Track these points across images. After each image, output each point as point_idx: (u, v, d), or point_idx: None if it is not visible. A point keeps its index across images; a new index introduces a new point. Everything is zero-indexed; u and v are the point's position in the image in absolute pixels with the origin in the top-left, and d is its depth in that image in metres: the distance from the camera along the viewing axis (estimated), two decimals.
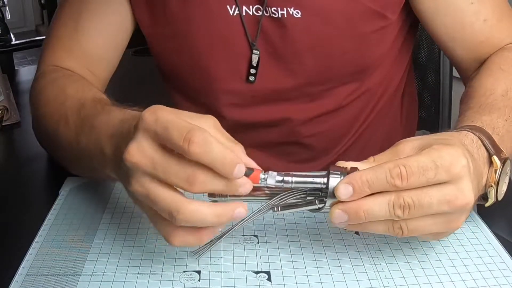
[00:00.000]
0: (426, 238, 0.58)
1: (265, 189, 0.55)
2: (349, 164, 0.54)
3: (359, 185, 0.52)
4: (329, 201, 0.53)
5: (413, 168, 0.51)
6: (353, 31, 0.83)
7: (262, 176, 0.53)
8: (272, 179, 0.53)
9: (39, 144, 0.87)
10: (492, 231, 0.65)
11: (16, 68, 1.73)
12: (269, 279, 0.57)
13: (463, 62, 0.86)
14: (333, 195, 0.53)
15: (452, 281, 0.56)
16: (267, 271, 0.59)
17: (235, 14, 0.83)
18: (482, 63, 0.83)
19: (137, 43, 0.92)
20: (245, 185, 0.52)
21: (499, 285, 0.56)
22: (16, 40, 2.05)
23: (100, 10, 0.88)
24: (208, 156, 0.50)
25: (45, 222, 0.68)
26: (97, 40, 0.88)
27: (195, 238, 0.54)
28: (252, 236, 0.64)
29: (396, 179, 0.51)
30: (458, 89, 0.84)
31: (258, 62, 0.85)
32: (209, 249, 0.59)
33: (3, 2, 2.24)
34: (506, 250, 0.61)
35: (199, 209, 0.51)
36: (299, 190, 0.55)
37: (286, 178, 0.53)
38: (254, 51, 0.84)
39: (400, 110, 0.99)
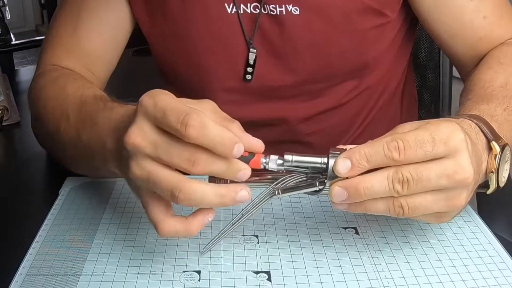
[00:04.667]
0: (429, 220, 0.56)
1: (266, 173, 0.56)
2: (348, 147, 0.54)
3: (357, 158, 0.52)
4: (329, 182, 0.53)
5: (410, 141, 0.51)
6: (352, 29, 0.83)
7: (263, 160, 0.53)
8: (273, 162, 0.54)
9: (39, 144, 0.87)
10: (492, 231, 0.65)
11: (16, 68, 1.73)
12: (269, 279, 0.57)
13: (462, 59, 0.86)
14: (332, 175, 0.53)
15: (452, 281, 0.56)
16: (267, 271, 0.59)
17: (232, 12, 0.83)
18: (481, 59, 0.83)
19: (137, 43, 0.92)
20: (245, 170, 0.51)
21: (499, 285, 0.56)
22: (16, 40, 2.05)
23: (99, 10, 0.88)
24: (206, 138, 0.50)
25: (45, 222, 0.68)
26: (96, 40, 0.88)
27: (184, 227, 0.53)
28: (252, 236, 0.64)
29: (394, 152, 0.51)
30: (458, 89, 0.84)
31: (255, 61, 0.85)
32: (217, 243, 0.60)
33: (3, 2, 2.24)
34: (506, 250, 0.61)
35: (201, 188, 0.51)
36: (300, 173, 0.55)
37: (286, 157, 0.54)
38: (251, 49, 0.84)
39: (400, 109, 0.99)
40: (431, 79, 1.14)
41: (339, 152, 0.53)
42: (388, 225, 0.65)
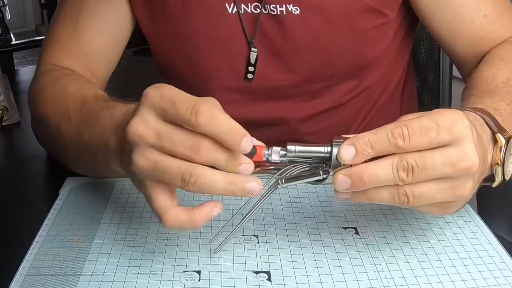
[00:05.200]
0: (434, 211, 0.55)
1: (269, 165, 0.55)
2: (352, 136, 0.54)
3: (361, 145, 0.51)
4: (332, 170, 0.53)
5: (415, 128, 0.50)
6: (352, 28, 0.83)
7: (266, 152, 0.53)
8: (276, 154, 0.54)
9: (39, 144, 0.87)
10: (492, 231, 0.65)
11: (16, 68, 1.73)
12: (269, 279, 0.57)
13: (463, 58, 0.86)
14: (336, 163, 0.52)
15: (452, 281, 0.56)
16: (267, 271, 0.59)
17: (233, 12, 0.83)
18: (482, 58, 0.83)
19: (137, 43, 0.93)
20: (246, 165, 0.51)
21: (499, 285, 0.56)
22: (16, 40, 2.05)
23: (99, 9, 0.88)
24: (216, 127, 0.50)
25: (45, 222, 0.68)
26: (96, 39, 0.88)
27: (188, 217, 0.53)
28: (252, 236, 0.64)
29: (398, 139, 0.50)
30: (458, 89, 0.84)
31: (256, 60, 0.85)
32: (226, 242, 0.60)
33: (3, 2, 2.24)
34: (506, 250, 0.61)
35: (211, 173, 0.51)
36: (303, 163, 0.55)
37: (289, 147, 0.54)
38: (252, 48, 0.84)
39: (400, 108, 0.99)
40: (431, 79, 1.14)
41: (342, 140, 0.52)
42: (388, 225, 0.65)
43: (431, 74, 1.14)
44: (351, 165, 0.52)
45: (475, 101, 0.67)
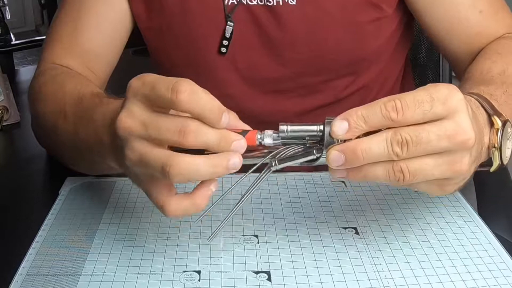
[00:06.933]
0: (432, 190, 0.54)
1: (262, 148, 0.54)
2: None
3: (354, 119, 0.50)
4: (326, 149, 0.52)
5: (408, 101, 0.49)
6: (348, 21, 0.83)
7: (258, 136, 0.52)
8: (269, 137, 0.53)
9: (39, 144, 0.87)
10: (492, 231, 0.65)
11: (16, 68, 1.73)
12: (269, 279, 0.57)
13: (459, 56, 0.86)
14: (329, 141, 0.51)
15: (452, 281, 0.56)
16: (267, 271, 0.59)
17: (229, 3, 0.84)
18: (477, 55, 0.83)
19: (137, 43, 0.93)
20: (239, 141, 0.51)
21: (499, 285, 0.56)
22: (16, 40, 2.05)
23: (98, 8, 0.88)
24: (197, 104, 0.49)
25: (45, 222, 0.68)
26: (95, 38, 0.89)
27: (190, 202, 0.52)
28: (252, 236, 0.64)
29: (391, 112, 0.49)
30: None
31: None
32: (221, 229, 0.58)
33: (3, 2, 2.24)
34: (506, 250, 0.61)
35: (191, 161, 0.50)
36: (297, 144, 0.54)
37: (281, 127, 0.52)
38: (227, 25, 0.84)
39: None
40: (431, 79, 1.14)
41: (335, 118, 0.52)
42: (388, 225, 0.65)
43: (431, 74, 1.14)
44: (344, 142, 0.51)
45: (470, 88, 0.66)
